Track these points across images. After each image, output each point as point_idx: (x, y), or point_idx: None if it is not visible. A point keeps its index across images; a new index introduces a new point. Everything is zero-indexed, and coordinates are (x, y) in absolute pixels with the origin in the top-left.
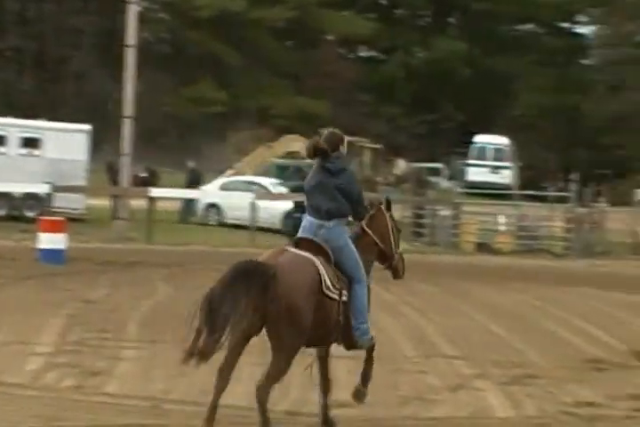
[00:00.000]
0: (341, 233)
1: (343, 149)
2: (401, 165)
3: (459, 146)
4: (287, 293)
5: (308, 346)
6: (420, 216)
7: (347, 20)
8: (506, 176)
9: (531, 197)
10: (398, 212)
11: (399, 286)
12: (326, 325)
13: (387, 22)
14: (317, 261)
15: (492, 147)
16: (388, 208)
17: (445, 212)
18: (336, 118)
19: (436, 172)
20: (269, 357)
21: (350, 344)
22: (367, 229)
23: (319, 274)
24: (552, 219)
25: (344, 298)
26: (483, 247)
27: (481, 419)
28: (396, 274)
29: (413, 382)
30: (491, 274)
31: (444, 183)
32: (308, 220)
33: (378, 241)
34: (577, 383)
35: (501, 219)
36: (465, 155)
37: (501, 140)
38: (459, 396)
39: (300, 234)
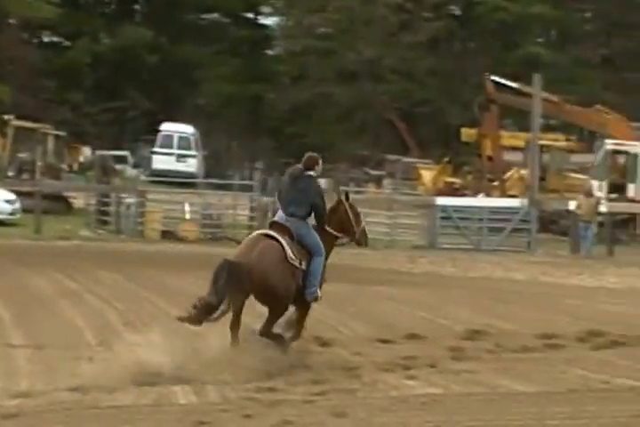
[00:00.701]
0: (302, 224)
1: (318, 168)
2: (85, 153)
3: (145, 134)
4: (261, 281)
5: None
6: (104, 204)
7: (29, 3)
8: (191, 164)
9: (216, 186)
10: (82, 200)
11: (83, 274)
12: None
13: (71, 7)
14: (283, 241)
15: (177, 135)
16: (347, 198)
17: (130, 199)
18: (19, 104)
19: (121, 159)
20: None
21: (300, 298)
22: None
23: (284, 251)
24: (236, 207)
25: (303, 267)
26: (168, 235)
27: (164, 406)
28: (359, 245)
29: (95, 369)
30: (176, 262)
31: (130, 171)
32: (279, 213)
33: (335, 232)
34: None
35: (186, 207)
36: (151, 143)
37: (187, 129)
38: (142, 383)
39: (274, 219)
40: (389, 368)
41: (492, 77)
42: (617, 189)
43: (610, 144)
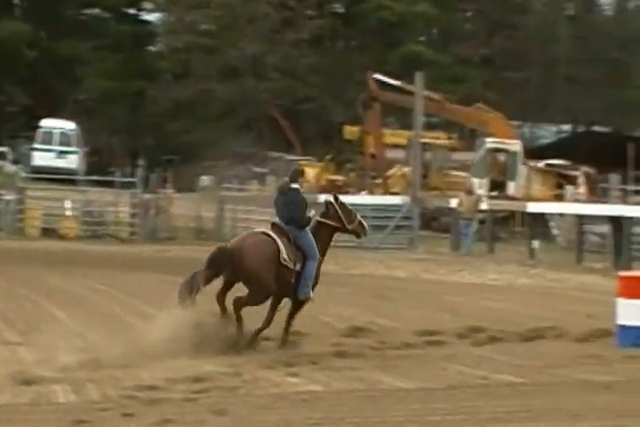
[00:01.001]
0: (299, 230)
1: (300, 180)
2: None
3: (24, 130)
4: (250, 265)
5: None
6: None
7: None
8: (72, 161)
9: (97, 183)
10: None
11: None
12: (284, 283)
13: None
14: (279, 241)
15: (58, 131)
16: (336, 200)
17: (9, 196)
18: None
19: (0, 156)
20: None
21: (294, 297)
22: (323, 220)
23: (278, 250)
24: (118, 204)
25: (297, 268)
26: (48, 233)
27: (43, 405)
28: (357, 236)
29: None
30: (56, 259)
31: (9, 167)
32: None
33: (333, 223)
34: (140, 368)
35: (67, 204)
36: (31, 139)
37: (67, 125)
38: (20, 383)
39: (274, 220)
40: (271, 366)
41: (375, 75)
42: (497, 186)
43: (490, 142)
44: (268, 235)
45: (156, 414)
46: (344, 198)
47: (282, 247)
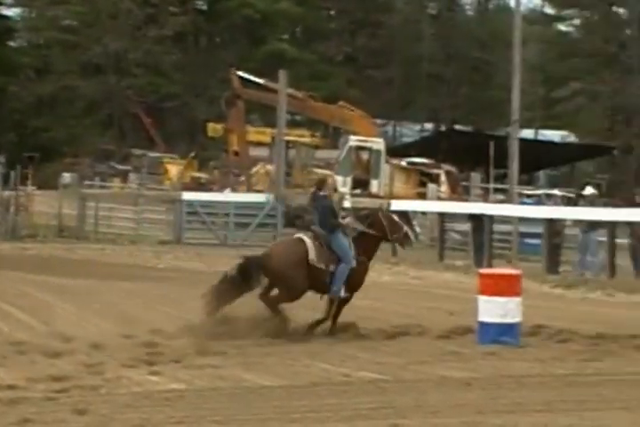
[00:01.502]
0: (333, 236)
1: (326, 187)
2: None
3: None
4: (274, 266)
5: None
6: None
7: None
8: None
9: None
10: None
11: None
12: (319, 283)
13: None
14: (310, 244)
15: None
16: (383, 210)
17: None
18: None
19: None
20: None
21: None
22: (365, 230)
23: (307, 252)
24: None
25: (331, 269)
26: None
27: None
28: (401, 246)
29: None
30: None
31: None
32: None
33: (375, 233)
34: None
35: None
36: None
37: None
38: None
39: (313, 226)
40: (133, 364)
41: (239, 73)
42: (360, 184)
43: (353, 140)
44: (301, 239)
45: (15, 414)
46: (208, 196)
47: (311, 250)
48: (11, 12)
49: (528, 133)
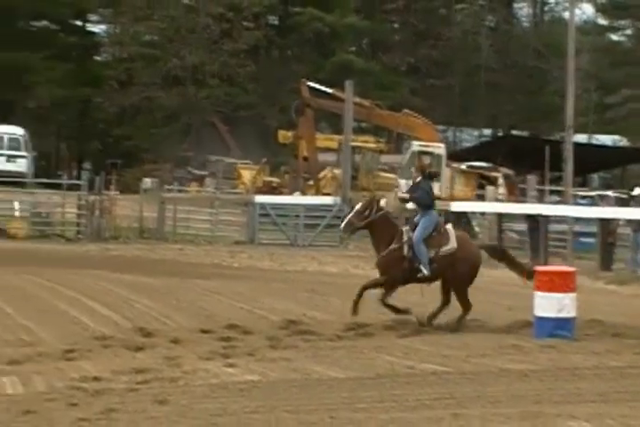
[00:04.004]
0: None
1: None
2: None
3: None
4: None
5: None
6: None
7: None
8: (21, 165)
9: (45, 185)
10: None
11: None
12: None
13: None
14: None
15: (7, 136)
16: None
17: None
18: None
19: None
20: None
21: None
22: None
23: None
24: (65, 205)
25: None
26: None
27: None
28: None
29: None
30: (6, 258)
31: None
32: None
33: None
34: (85, 360)
35: (16, 205)
36: None
37: (16, 131)
38: None
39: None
40: (210, 357)
41: (308, 83)
42: None
43: (416, 145)
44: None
45: (100, 404)
46: (279, 199)
47: None
48: (97, 28)
49: (582, 138)
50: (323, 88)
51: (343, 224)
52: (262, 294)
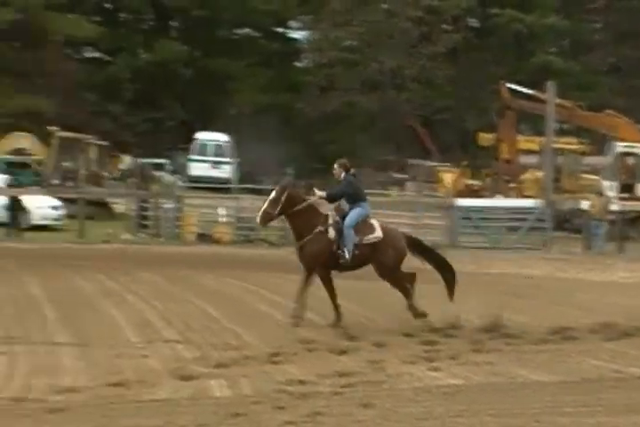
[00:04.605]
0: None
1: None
2: (126, 161)
3: (181, 142)
4: None
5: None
6: (144, 209)
7: (72, 22)
8: (226, 171)
9: (248, 190)
10: (123, 205)
11: (124, 275)
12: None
13: (111, 25)
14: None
15: (212, 143)
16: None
17: (169, 205)
18: (63, 116)
19: (159, 167)
20: None
21: None
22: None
23: None
24: None
25: None
26: (204, 238)
27: (200, 399)
28: None
29: (136, 366)
30: (211, 262)
31: (168, 178)
32: None
33: None
34: (289, 363)
35: (221, 211)
36: (187, 151)
37: (221, 137)
38: (178, 378)
39: None
40: (413, 361)
41: (508, 85)
42: (627, 188)
43: (620, 146)
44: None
45: (306, 407)
46: (481, 202)
47: None
48: (297, 34)
49: None
50: (523, 89)
51: (259, 216)
52: (464, 297)
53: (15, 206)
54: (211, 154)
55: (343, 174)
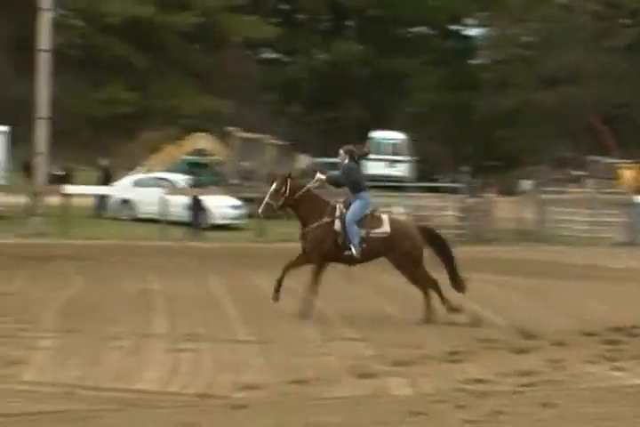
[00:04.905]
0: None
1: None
2: (303, 160)
3: (357, 141)
4: None
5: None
6: None
7: (251, 24)
8: (402, 169)
9: (425, 189)
10: None
11: (305, 274)
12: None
13: (288, 26)
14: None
15: (388, 142)
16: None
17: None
18: (241, 117)
19: (334, 166)
20: None
21: None
22: None
23: None
24: (445, 209)
25: None
26: None
27: (380, 397)
28: None
29: (315, 363)
30: (385, 261)
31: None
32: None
33: None
34: (469, 362)
35: (398, 209)
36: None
37: (397, 136)
38: (358, 376)
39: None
40: (595, 360)
41: None
42: None
43: None
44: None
45: (486, 406)
46: None
47: None
48: (472, 32)
49: None
50: None
51: (261, 208)
52: None
53: (197, 206)
54: (387, 152)
55: (346, 161)
